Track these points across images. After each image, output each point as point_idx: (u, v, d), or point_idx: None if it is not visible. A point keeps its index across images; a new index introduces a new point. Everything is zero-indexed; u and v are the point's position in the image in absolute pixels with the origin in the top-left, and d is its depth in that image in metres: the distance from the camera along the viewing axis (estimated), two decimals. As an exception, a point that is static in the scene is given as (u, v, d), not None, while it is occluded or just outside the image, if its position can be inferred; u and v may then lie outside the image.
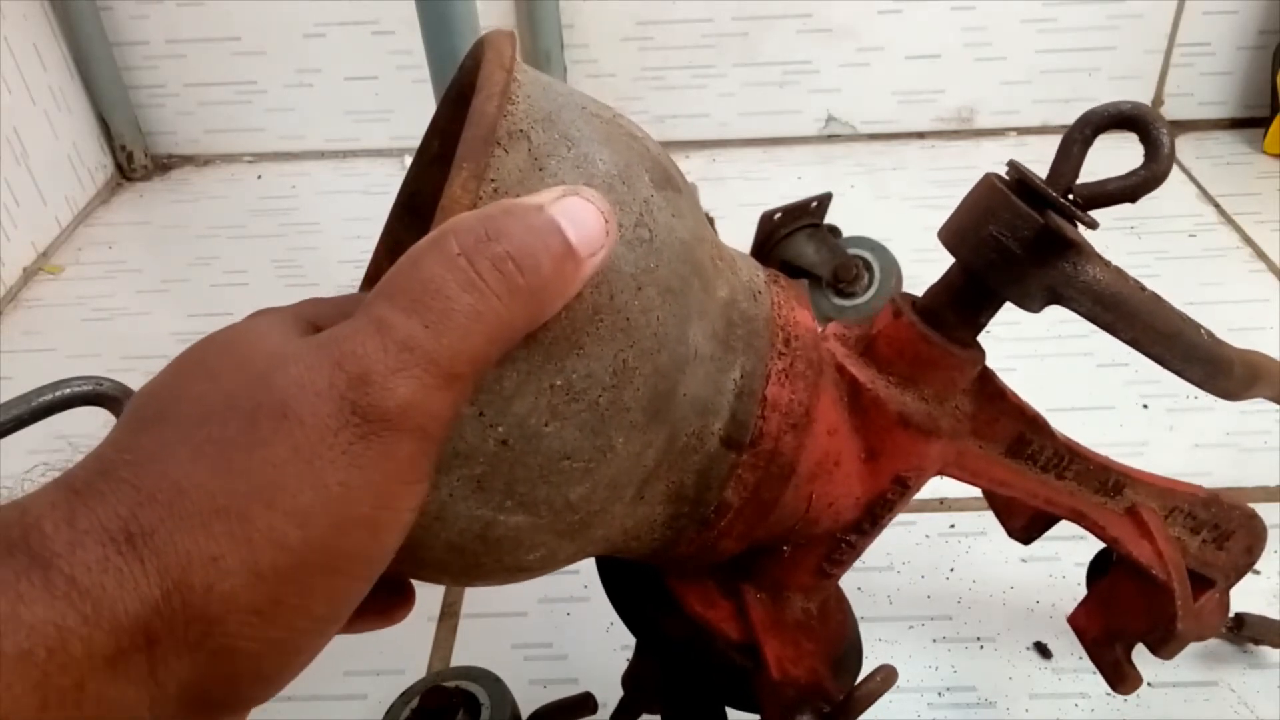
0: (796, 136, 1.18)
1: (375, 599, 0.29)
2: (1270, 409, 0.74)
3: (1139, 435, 0.75)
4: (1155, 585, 0.43)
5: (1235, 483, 0.70)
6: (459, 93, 0.32)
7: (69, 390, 0.51)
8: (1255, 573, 0.60)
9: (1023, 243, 0.32)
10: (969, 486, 0.40)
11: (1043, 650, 0.60)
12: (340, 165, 1.18)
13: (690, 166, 1.13)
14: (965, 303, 0.35)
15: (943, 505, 0.70)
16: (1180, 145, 1.12)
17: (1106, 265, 0.34)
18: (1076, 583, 0.58)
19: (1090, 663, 0.48)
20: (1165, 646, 0.45)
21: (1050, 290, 0.34)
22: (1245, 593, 0.52)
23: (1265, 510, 0.49)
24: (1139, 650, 0.46)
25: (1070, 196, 0.33)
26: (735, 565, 0.37)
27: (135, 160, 1.17)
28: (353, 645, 0.62)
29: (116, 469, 0.22)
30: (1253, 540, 0.48)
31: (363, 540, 0.23)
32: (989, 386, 0.38)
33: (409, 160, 0.36)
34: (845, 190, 1.07)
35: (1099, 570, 0.49)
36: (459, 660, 0.62)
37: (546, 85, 0.30)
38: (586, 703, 0.53)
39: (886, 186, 1.09)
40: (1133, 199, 0.32)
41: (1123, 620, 0.46)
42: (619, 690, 0.46)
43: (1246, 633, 0.56)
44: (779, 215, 0.82)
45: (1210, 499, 0.46)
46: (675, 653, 0.39)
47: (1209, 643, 0.58)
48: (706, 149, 1.17)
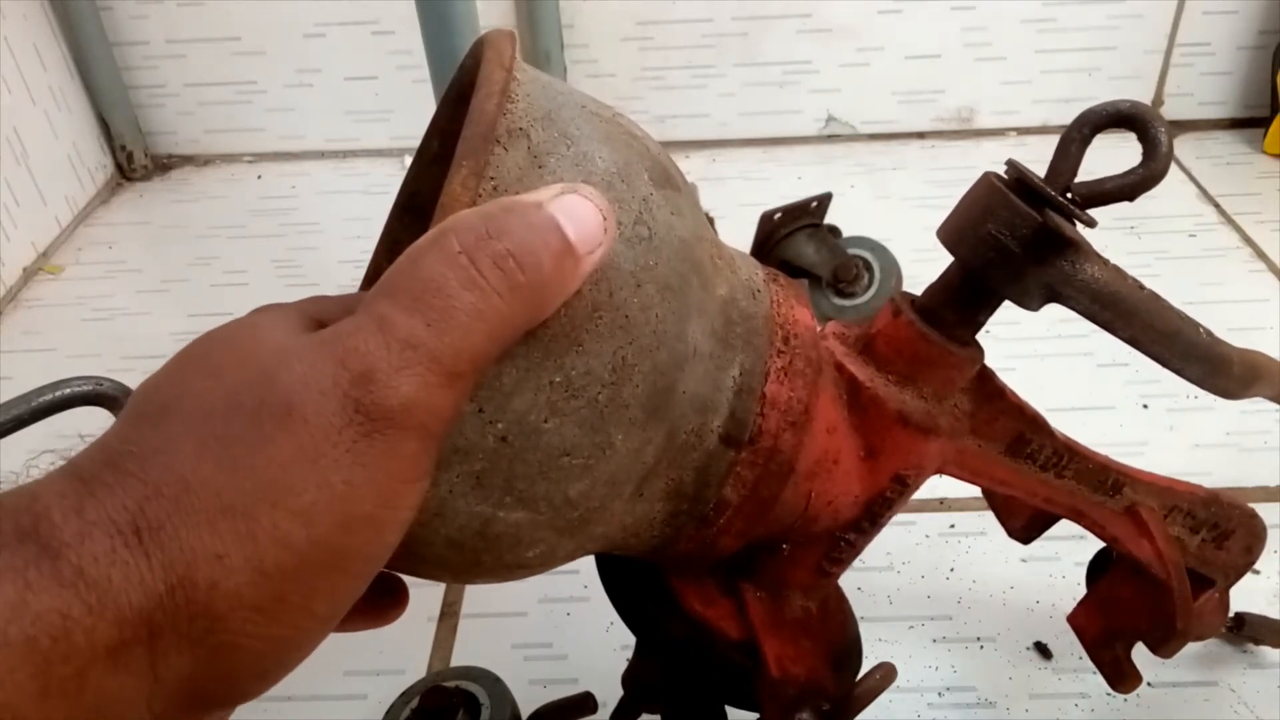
0: (796, 136, 1.18)
1: (369, 599, 0.29)
2: (1270, 409, 0.74)
3: (1139, 435, 0.75)
4: (1154, 584, 0.43)
5: (1235, 483, 0.70)
6: (459, 92, 0.32)
7: (69, 390, 0.51)
8: (1255, 572, 0.60)
9: (1021, 241, 0.32)
10: (969, 486, 0.40)
11: (1043, 650, 0.60)
12: (340, 165, 1.18)
13: (690, 166, 1.13)
14: (964, 301, 0.35)
15: (943, 505, 0.70)
16: (1180, 145, 1.12)
17: (1105, 264, 0.34)
18: (1076, 583, 0.58)
19: (1090, 663, 0.48)
20: (1165, 645, 0.45)
21: (1049, 288, 0.34)
22: (1245, 593, 0.52)
23: (1265, 510, 0.49)
24: (1139, 649, 0.46)
25: (1068, 195, 0.33)
26: (735, 564, 0.37)
27: (135, 160, 1.17)
28: (353, 645, 0.62)
29: (123, 461, 0.22)
30: (1252, 540, 0.48)
31: (366, 538, 0.23)
32: (988, 385, 0.38)
33: (409, 160, 0.36)
34: (845, 190, 1.07)
35: (1099, 569, 0.49)
36: (459, 660, 0.62)
37: (546, 84, 0.30)
38: (586, 703, 0.53)
39: (886, 186, 1.09)
40: (1131, 197, 0.32)
41: (1122, 619, 0.46)
42: (619, 690, 0.46)
43: (1246, 633, 0.56)
44: (779, 215, 0.82)
45: (1209, 498, 0.46)
46: (675, 652, 0.39)
47: (1209, 643, 0.58)
48: (706, 149, 1.17)
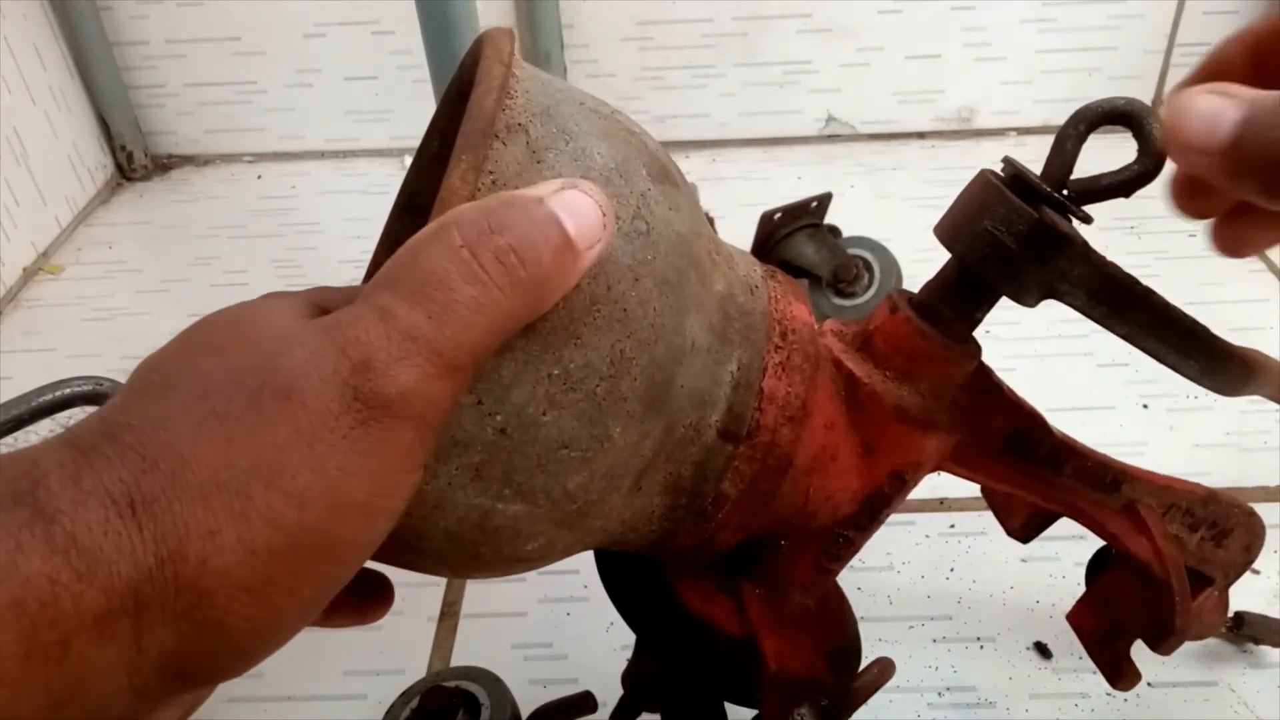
0: (796, 136, 1.18)
1: (354, 595, 0.29)
2: (1270, 409, 0.73)
3: (1139, 435, 0.75)
4: (1153, 581, 0.43)
5: (1235, 482, 0.70)
6: (459, 92, 0.33)
7: (69, 390, 0.52)
8: (1255, 572, 0.60)
9: (1017, 237, 0.32)
10: (969, 486, 0.40)
11: (1043, 650, 0.60)
12: (340, 165, 1.18)
13: (690, 166, 1.13)
14: (961, 298, 0.35)
15: (943, 505, 0.70)
16: (1180, 146, 1.12)
17: (1101, 259, 0.34)
18: (1076, 582, 0.58)
19: (1090, 662, 0.48)
20: (1164, 643, 0.45)
21: (1045, 284, 0.34)
22: (1245, 592, 0.52)
23: (1265, 510, 0.48)
24: (1138, 648, 0.46)
25: (1065, 192, 0.33)
26: (734, 561, 0.37)
27: (135, 160, 1.17)
28: (353, 645, 0.62)
29: (122, 433, 0.22)
30: (1251, 538, 0.48)
31: (356, 525, 0.23)
32: (985, 382, 0.38)
33: (409, 160, 0.36)
34: (845, 190, 1.07)
35: (1098, 568, 0.49)
36: (459, 660, 0.62)
37: (545, 81, 0.30)
38: (586, 702, 0.53)
39: (886, 186, 1.09)
40: (1126, 194, 0.32)
41: (1121, 616, 0.46)
42: (619, 690, 0.46)
43: (1246, 632, 0.56)
44: (779, 215, 0.82)
45: (1208, 496, 0.46)
46: (674, 649, 0.39)
47: (1209, 642, 0.58)
48: (706, 149, 1.17)
